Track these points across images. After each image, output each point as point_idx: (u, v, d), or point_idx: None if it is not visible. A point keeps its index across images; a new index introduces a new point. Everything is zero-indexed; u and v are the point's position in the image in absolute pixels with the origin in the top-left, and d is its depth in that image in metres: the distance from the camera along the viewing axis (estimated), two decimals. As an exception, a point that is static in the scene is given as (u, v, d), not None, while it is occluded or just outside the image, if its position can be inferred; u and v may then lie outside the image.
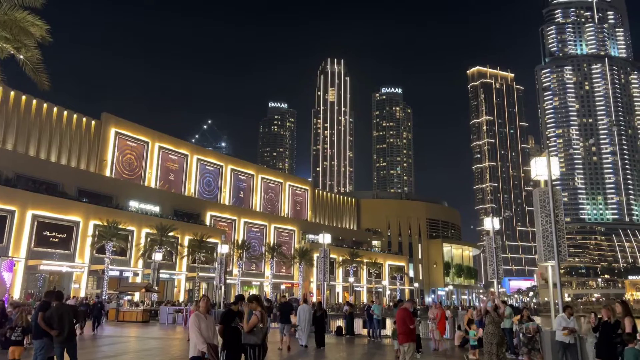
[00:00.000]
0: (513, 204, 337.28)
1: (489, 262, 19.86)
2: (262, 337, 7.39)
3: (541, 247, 11.60)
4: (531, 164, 12.19)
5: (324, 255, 26.39)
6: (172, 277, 65.43)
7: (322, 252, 26.61)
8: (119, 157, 71.51)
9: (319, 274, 27.42)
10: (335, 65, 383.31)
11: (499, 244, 20.20)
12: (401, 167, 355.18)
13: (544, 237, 11.46)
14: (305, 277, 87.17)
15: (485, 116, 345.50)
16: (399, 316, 10.53)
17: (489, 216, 22.34)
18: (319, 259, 26.84)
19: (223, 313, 7.90)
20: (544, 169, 11.52)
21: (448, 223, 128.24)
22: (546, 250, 11.39)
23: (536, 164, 11.88)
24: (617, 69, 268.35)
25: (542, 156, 11.78)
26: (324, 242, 27.13)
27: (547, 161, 11.54)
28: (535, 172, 11.92)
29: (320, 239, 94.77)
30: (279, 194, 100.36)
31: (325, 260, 26.32)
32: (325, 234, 27.82)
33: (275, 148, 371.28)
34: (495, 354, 10.46)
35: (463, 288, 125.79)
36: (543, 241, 11.43)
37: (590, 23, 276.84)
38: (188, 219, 72.63)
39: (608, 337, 8.12)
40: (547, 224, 11.34)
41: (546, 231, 11.37)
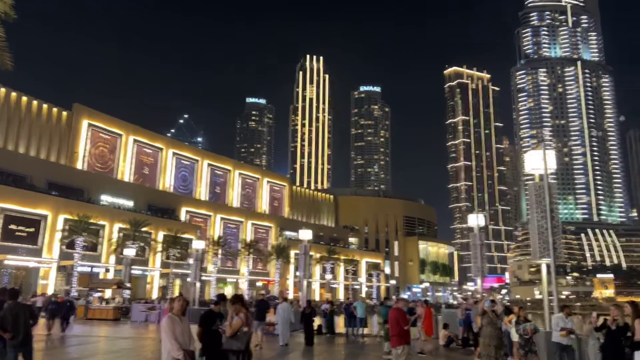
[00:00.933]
0: (487, 203, 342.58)
1: (472, 259, 19.47)
2: (246, 341, 6.61)
3: (536, 243, 11.05)
4: (526, 157, 11.68)
5: (304, 252, 25.66)
6: (145, 273, 63.76)
7: (302, 248, 25.89)
8: (91, 149, 69.31)
9: (299, 271, 26.72)
10: (314, 62, 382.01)
11: (483, 240, 19.80)
12: (379, 165, 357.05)
13: (539, 233, 10.93)
14: (282, 274, 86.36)
15: (461, 116, 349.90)
16: (392, 317, 9.87)
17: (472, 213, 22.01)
18: (300, 256, 26.13)
19: (202, 315, 7.09)
20: (539, 162, 11.02)
21: (424, 221, 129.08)
22: (541, 247, 10.88)
23: (531, 157, 11.36)
24: (590, 73, 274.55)
25: (537, 149, 11.27)
26: (304, 239, 26.38)
27: (543, 154, 11.03)
28: (530, 166, 11.40)
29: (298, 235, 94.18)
30: (257, 190, 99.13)
31: (306, 257, 25.61)
32: (306, 230, 27.06)
33: (253, 144, 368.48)
34: (494, 357, 9.92)
35: (438, 285, 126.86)
36: (538, 237, 10.90)
37: (565, 27, 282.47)
38: (162, 214, 70.94)
39: (616, 340, 7.62)
40: (542, 220, 10.83)
41: (542, 227, 10.86)
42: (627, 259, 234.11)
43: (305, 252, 26.03)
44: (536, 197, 11.13)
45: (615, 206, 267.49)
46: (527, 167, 11.47)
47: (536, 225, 11.00)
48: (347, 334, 22.08)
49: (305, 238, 26.29)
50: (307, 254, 26.10)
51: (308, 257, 26.07)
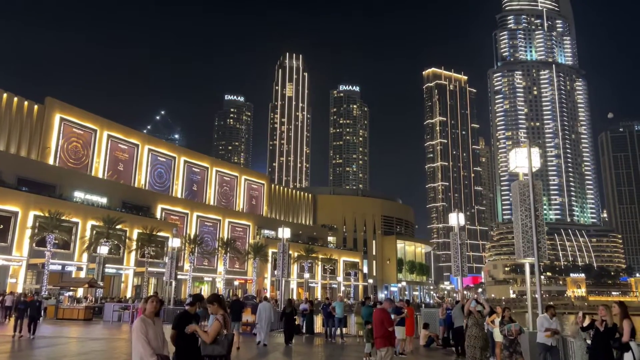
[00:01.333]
0: (463, 203, 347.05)
1: (453, 258, 19.35)
2: (228, 346, 6.20)
3: (520, 243, 10.86)
4: (510, 155, 11.48)
5: (283, 251, 25.23)
6: (119, 272, 62.36)
7: (281, 247, 25.46)
8: (64, 144, 67.49)
9: (277, 270, 26.28)
10: (294, 60, 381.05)
11: (464, 240, 19.72)
12: (357, 164, 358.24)
13: (523, 232, 10.74)
14: (260, 273, 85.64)
15: (438, 117, 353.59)
16: (377, 318, 9.55)
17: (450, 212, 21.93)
18: (279, 254, 25.68)
19: (177, 316, 6.64)
20: (524, 160, 10.83)
21: (402, 220, 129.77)
22: (525, 247, 10.68)
23: (516, 155, 11.16)
24: (564, 76, 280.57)
25: (522, 147, 11.10)
26: (283, 237, 25.96)
27: (527, 152, 10.86)
28: (514, 164, 11.19)
29: (276, 233, 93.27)
30: (234, 188, 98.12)
31: (285, 255, 25.18)
32: (285, 228, 26.62)
33: (231, 142, 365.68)
34: (478, 359, 9.70)
35: (415, 284, 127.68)
36: (522, 237, 10.71)
37: (540, 30, 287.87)
38: (137, 211, 69.53)
39: (604, 341, 7.46)
40: (526, 219, 10.65)
41: (525, 226, 10.68)
42: (597, 259, 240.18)
43: (284, 250, 25.62)
44: (520, 195, 10.95)
45: (587, 207, 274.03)
46: (512, 165, 11.28)
47: (520, 225, 10.84)
48: (325, 334, 21.74)
49: (285, 236, 25.88)
50: (286, 253, 25.70)
51: (287, 255, 25.66)
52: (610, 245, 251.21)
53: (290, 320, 18.14)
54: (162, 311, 19.05)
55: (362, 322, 20.02)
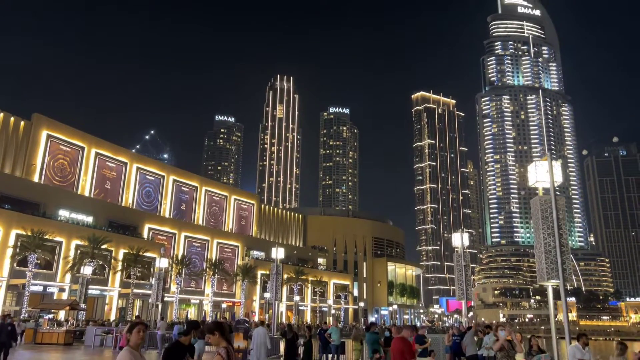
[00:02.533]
0: (452, 225, 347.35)
1: (457, 281, 18.42)
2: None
3: (543, 264, 9.92)
4: (529, 169, 10.68)
5: (276, 272, 24.12)
6: (103, 293, 60.34)
7: (274, 268, 24.36)
8: (50, 162, 66.02)
9: (269, 292, 25.10)
10: (284, 82, 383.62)
11: (468, 261, 18.83)
12: (346, 185, 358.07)
13: (546, 252, 9.83)
14: (248, 295, 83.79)
15: (427, 139, 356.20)
16: (396, 348, 8.48)
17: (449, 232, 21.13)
18: (271, 276, 24.56)
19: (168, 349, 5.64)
20: (544, 174, 10.05)
21: (393, 242, 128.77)
22: (549, 268, 9.76)
23: (536, 169, 10.35)
24: (550, 101, 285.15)
25: (543, 160, 10.31)
26: (277, 257, 24.87)
27: (549, 165, 10.06)
28: (535, 178, 10.35)
29: (265, 255, 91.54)
30: (224, 208, 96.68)
31: (278, 277, 24.07)
32: (279, 248, 25.55)
33: (220, 162, 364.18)
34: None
35: (405, 308, 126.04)
36: (545, 257, 9.81)
37: (527, 56, 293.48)
38: (124, 231, 67.90)
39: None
40: (549, 238, 9.80)
41: (548, 246, 9.80)
42: (586, 283, 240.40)
43: (277, 272, 24.52)
44: (542, 212, 10.12)
45: (575, 231, 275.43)
46: (531, 179, 10.47)
47: (542, 244, 9.99)
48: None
49: (278, 257, 24.81)
50: (280, 274, 24.60)
51: (280, 277, 24.56)
52: (599, 269, 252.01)
53: (291, 347, 16.91)
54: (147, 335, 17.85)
55: (360, 348, 18.93)
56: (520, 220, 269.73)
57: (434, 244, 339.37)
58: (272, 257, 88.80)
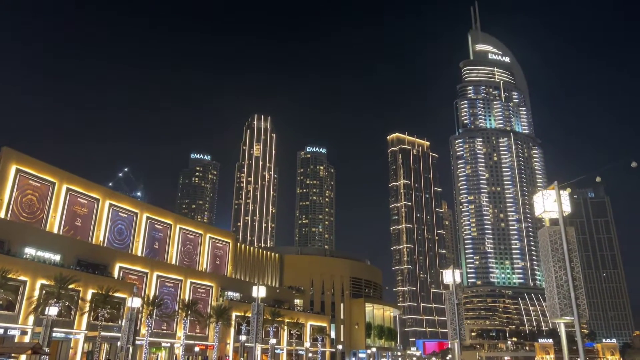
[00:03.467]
0: (428, 265, 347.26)
1: (449, 320, 17.60)
2: None
3: (555, 299, 9.19)
4: (535, 199, 10.16)
5: (257, 312, 22.87)
6: (68, 336, 56.88)
7: (255, 307, 23.10)
8: (18, 197, 63.38)
9: (250, 334, 23.73)
10: (262, 121, 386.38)
11: (460, 299, 18.08)
12: (323, 225, 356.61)
13: (558, 287, 9.11)
14: (222, 338, 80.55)
15: (403, 180, 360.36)
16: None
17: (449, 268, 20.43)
18: (252, 316, 23.28)
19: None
20: (551, 204, 9.50)
21: (370, 282, 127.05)
22: (562, 304, 9.02)
23: (544, 198, 9.74)
24: (521, 144, 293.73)
25: (549, 189, 9.80)
26: (257, 297, 23.66)
27: (557, 195, 9.55)
28: (542, 208, 9.71)
29: (240, 296, 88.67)
30: (198, 247, 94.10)
31: (259, 317, 22.81)
32: (260, 287, 24.36)
33: (195, 200, 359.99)
34: None
35: (383, 350, 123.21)
36: (557, 292, 9.09)
37: (498, 100, 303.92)
38: (94, 270, 64.93)
39: None
40: (560, 271, 9.13)
41: (560, 279, 9.11)
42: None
43: (258, 311, 23.27)
44: (552, 244, 9.51)
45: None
46: (538, 209, 9.93)
47: (553, 278, 9.37)
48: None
49: (260, 295, 23.60)
50: (261, 314, 23.34)
51: (262, 317, 23.29)
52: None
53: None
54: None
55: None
56: (495, 261, 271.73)
57: (410, 284, 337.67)
58: (250, 296, 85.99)
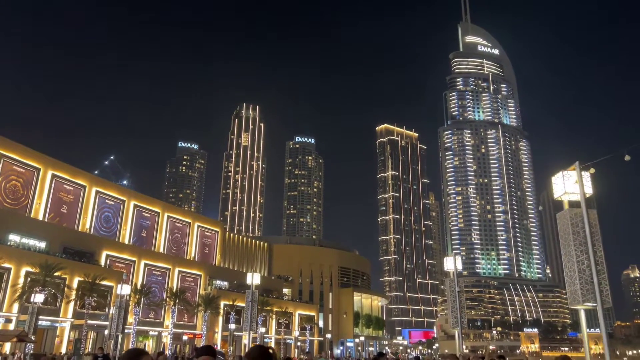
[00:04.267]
0: (414, 256, 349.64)
1: (450, 308, 17.26)
2: None
3: (577, 284, 8.64)
4: (554, 180, 9.57)
5: (251, 299, 22.34)
6: (54, 324, 55.98)
7: (249, 295, 22.57)
8: (1, 182, 61.94)
9: (245, 321, 23.23)
10: (250, 110, 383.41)
11: (461, 287, 17.72)
12: (311, 215, 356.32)
13: (579, 271, 8.59)
14: (210, 327, 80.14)
15: (391, 171, 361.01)
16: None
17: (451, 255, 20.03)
18: (247, 304, 22.73)
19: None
20: (573, 185, 8.97)
21: (359, 272, 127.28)
22: (583, 290, 8.53)
23: (564, 179, 9.14)
24: (509, 136, 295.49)
25: (570, 169, 9.28)
26: (252, 284, 23.12)
27: (578, 175, 9.05)
28: (562, 190, 9.06)
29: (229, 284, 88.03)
30: (186, 235, 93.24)
31: (254, 304, 22.28)
32: (254, 274, 23.82)
33: (182, 189, 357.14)
34: None
35: (371, 339, 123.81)
36: (579, 277, 8.59)
37: (487, 93, 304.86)
38: (80, 257, 63.91)
39: None
40: (582, 256, 8.64)
41: (582, 264, 8.62)
42: (544, 314, 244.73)
43: (252, 299, 22.75)
44: (572, 227, 9.03)
45: (533, 263, 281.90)
46: (557, 191, 9.41)
47: (575, 262, 8.92)
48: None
49: (254, 282, 23.08)
50: (255, 302, 22.82)
51: (256, 305, 22.78)
52: (556, 301, 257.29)
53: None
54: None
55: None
56: (482, 252, 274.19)
57: (397, 274, 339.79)
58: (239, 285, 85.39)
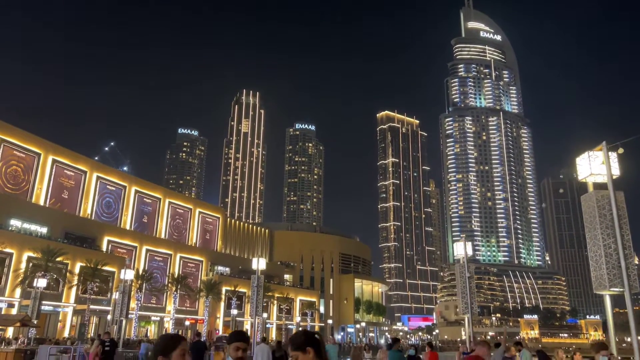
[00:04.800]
0: (414, 243, 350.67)
1: (461, 293, 16.98)
2: None
3: (603, 269, 8.35)
4: (579, 161, 9.16)
5: (257, 284, 22.11)
6: (56, 309, 56.04)
7: (255, 280, 22.33)
8: (2, 168, 61.61)
9: (251, 306, 23.04)
10: (250, 96, 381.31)
11: (471, 272, 17.44)
12: (311, 202, 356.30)
13: (606, 255, 8.31)
14: (212, 312, 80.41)
15: (391, 158, 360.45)
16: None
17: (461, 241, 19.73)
18: (252, 289, 22.50)
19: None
20: (599, 166, 8.61)
21: (360, 258, 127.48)
22: (610, 274, 8.22)
23: (590, 160, 8.75)
24: (510, 123, 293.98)
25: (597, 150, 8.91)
26: (258, 269, 22.87)
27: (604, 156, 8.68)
28: (587, 171, 8.71)
29: (230, 270, 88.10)
30: (188, 221, 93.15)
31: (259, 290, 22.05)
32: (260, 259, 23.56)
33: (182, 176, 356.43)
34: None
35: (371, 325, 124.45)
36: (606, 261, 8.30)
37: (489, 79, 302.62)
38: (81, 243, 63.85)
39: None
40: (609, 239, 8.34)
41: (608, 247, 8.32)
42: (543, 301, 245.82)
43: (258, 284, 22.52)
44: (599, 209, 8.69)
45: (533, 250, 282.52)
46: (583, 172, 9.03)
47: (601, 246, 8.60)
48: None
49: (260, 267, 22.83)
50: (261, 287, 22.59)
51: (262, 289, 22.55)
52: (555, 288, 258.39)
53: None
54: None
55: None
56: (482, 239, 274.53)
57: (396, 261, 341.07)
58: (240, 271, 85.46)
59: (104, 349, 13.85)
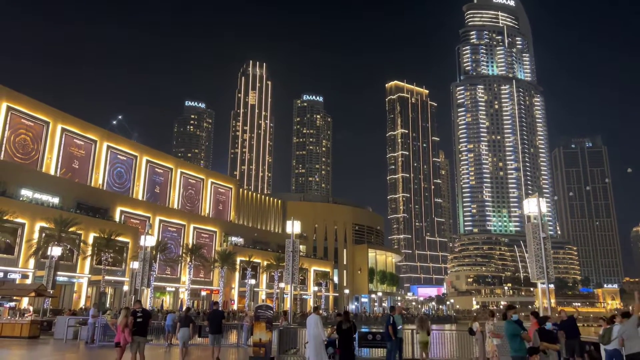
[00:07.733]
0: (423, 214, 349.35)
1: (535, 257, 14.89)
2: None
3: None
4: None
5: (292, 249, 20.11)
6: (71, 280, 54.97)
7: (290, 244, 20.35)
8: (10, 136, 59.68)
9: (286, 273, 21.14)
10: (257, 68, 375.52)
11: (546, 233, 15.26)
12: (319, 174, 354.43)
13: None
14: (227, 282, 79.53)
15: (400, 129, 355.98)
16: None
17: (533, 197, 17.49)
18: (287, 253, 20.60)
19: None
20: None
21: (373, 229, 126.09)
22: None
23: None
24: (523, 91, 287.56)
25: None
26: (292, 232, 20.86)
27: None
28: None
29: (244, 241, 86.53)
30: (200, 192, 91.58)
31: (295, 255, 20.13)
32: (295, 221, 21.55)
33: (191, 149, 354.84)
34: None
35: (385, 295, 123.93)
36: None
37: (501, 46, 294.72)
38: (94, 213, 62.47)
39: None
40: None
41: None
42: (555, 271, 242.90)
43: (294, 249, 20.55)
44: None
45: (545, 220, 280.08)
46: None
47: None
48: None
49: (295, 231, 20.85)
50: (297, 252, 20.68)
51: (297, 255, 20.61)
52: (567, 257, 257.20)
53: (348, 341, 12.30)
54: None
55: (427, 340, 15.12)
56: (493, 209, 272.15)
57: (406, 232, 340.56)
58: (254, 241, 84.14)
59: (135, 320, 11.88)
